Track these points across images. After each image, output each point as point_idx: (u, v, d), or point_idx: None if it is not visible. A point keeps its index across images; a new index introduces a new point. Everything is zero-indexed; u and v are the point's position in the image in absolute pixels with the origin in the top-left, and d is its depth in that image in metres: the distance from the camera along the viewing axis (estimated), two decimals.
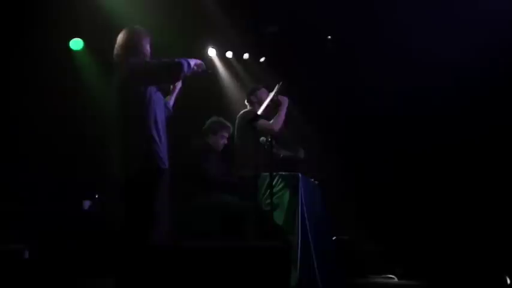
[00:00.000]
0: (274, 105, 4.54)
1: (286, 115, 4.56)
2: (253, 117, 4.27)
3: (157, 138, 3.38)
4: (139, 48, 3.56)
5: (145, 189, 3.31)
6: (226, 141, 4.86)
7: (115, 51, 3.60)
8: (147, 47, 3.63)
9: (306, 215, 4.35)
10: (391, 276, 5.63)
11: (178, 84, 3.92)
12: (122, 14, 5.76)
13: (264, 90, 4.82)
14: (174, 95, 3.92)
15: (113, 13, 5.83)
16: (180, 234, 4.27)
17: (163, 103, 3.62)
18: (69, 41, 6.42)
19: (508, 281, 4.99)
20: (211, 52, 7.20)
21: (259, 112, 4.31)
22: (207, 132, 4.85)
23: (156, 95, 3.47)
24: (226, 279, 3.97)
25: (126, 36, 3.59)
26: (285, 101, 4.58)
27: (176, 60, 3.43)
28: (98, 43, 6.20)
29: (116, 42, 3.61)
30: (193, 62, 3.54)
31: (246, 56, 7.22)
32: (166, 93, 3.85)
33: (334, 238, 5.43)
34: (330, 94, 6.71)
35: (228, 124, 4.87)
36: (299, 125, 6.50)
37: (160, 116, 3.48)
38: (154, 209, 3.30)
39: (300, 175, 4.49)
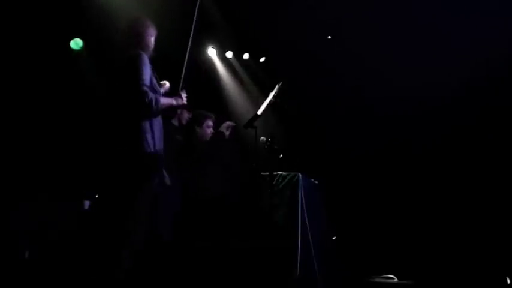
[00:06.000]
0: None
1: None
2: (253, 117, 4.28)
3: (148, 124, 3.34)
4: (140, 38, 3.53)
5: (134, 173, 3.27)
6: (212, 130, 4.80)
7: (120, 37, 3.60)
8: (151, 39, 3.59)
9: (306, 215, 4.35)
10: (391, 276, 5.63)
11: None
12: (122, 13, 5.76)
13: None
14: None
15: (113, 13, 5.83)
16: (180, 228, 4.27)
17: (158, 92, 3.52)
18: (69, 41, 6.42)
19: (508, 281, 4.98)
20: (211, 52, 7.21)
21: (259, 112, 4.31)
22: (193, 126, 4.79)
23: (152, 90, 3.40)
24: (227, 278, 3.98)
25: (129, 24, 3.59)
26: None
27: (146, 99, 3.29)
28: (98, 43, 6.21)
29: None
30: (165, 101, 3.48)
31: (246, 56, 7.23)
32: None
33: (334, 238, 5.43)
34: (329, 94, 6.70)
35: (210, 114, 4.84)
36: (298, 125, 6.52)
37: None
38: (139, 201, 3.27)
39: (300, 175, 4.49)
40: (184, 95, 3.62)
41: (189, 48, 3.69)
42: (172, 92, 3.75)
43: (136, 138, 3.31)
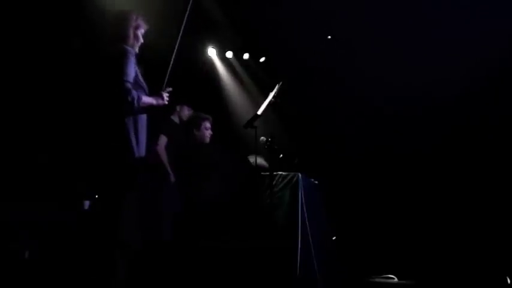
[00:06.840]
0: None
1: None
2: (253, 117, 4.28)
3: (132, 122, 3.30)
4: (125, 32, 3.42)
5: (120, 174, 3.25)
6: (211, 132, 4.83)
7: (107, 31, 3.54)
8: (137, 33, 3.47)
9: (306, 215, 4.35)
10: (391, 276, 5.63)
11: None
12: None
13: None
14: None
15: (111, 12, 5.82)
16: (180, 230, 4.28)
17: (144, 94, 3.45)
18: (70, 41, 6.41)
19: (509, 281, 4.98)
20: (211, 52, 7.21)
21: (259, 112, 4.31)
22: (191, 129, 4.80)
23: (136, 85, 3.35)
24: (228, 278, 3.98)
25: (114, 17, 3.53)
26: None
27: (129, 97, 3.23)
28: (98, 43, 6.20)
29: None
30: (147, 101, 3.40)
31: (246, 56, 7.23)
32: None
33: (334, 238, 5.43)
34: (329, 93, 6.70)
35: (207, 115, 4.85)
36: (298, 125, 6.51)
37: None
38: (125, 205, 3.23)
39: (300, 175, 4.49)
40: (165, 95, 3.52)
41: (175, 50, 3.64)
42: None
43: (120, 138, 3.26)
